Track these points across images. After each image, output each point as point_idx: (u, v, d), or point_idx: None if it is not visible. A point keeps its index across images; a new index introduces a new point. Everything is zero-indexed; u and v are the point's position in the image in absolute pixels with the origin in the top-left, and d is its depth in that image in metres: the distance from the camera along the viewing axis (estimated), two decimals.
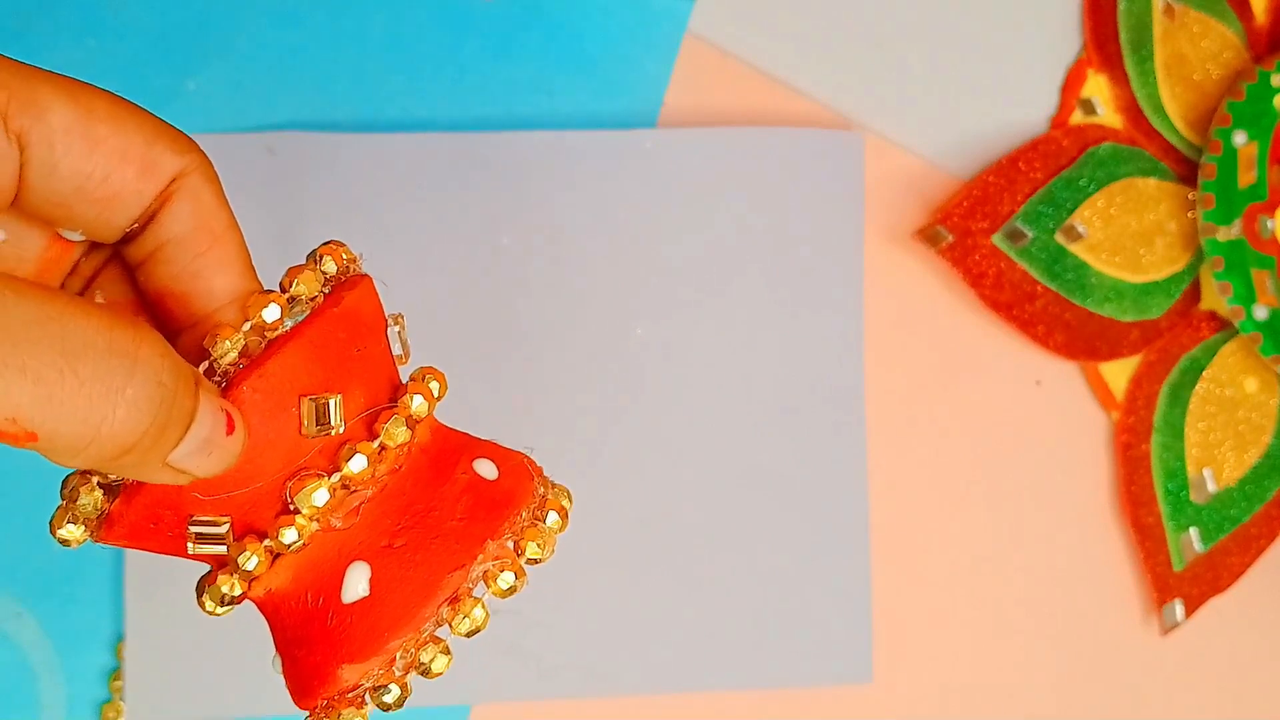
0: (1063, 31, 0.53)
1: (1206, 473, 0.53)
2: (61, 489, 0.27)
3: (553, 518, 0.30)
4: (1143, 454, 0.52)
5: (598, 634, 0.49)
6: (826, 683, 0.50)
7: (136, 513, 0.27)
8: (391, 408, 0.29)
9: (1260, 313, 0.51)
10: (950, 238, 0.50)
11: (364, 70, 0.49)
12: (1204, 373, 0.53)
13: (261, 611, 0.29)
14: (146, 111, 0.26)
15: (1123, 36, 0.53)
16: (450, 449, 0.30)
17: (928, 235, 0.51)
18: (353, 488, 0.28)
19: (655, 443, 0.49)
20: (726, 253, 0.50)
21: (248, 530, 0.27)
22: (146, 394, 0.23)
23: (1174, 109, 0.53)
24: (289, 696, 0.29)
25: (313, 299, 0.28)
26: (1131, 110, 0.53)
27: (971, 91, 0.53)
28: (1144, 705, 0.53)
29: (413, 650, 0.28)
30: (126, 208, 0.26)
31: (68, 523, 0.27)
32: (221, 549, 0.27)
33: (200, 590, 0.28)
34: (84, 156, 0.25)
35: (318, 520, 0.27)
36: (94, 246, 0.28)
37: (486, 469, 0.30)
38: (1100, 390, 0.53)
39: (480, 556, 0.28)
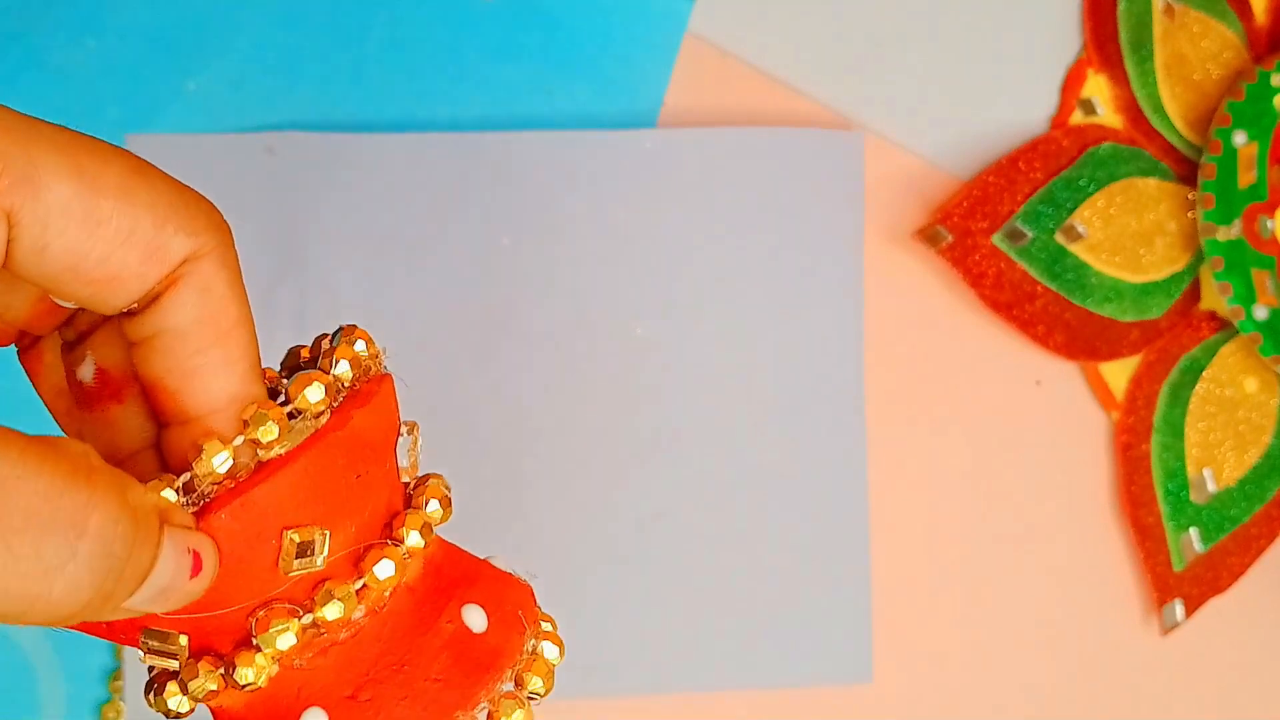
0: (1063, 31, 0.53)
1: (1206, 473, 0.53)
2: None
3: (535, 683, 0.27)
4: (1143, 454, 0.52)
5: (598, 634, 0.49)
6: (826, 683, 0.50)
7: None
8: (382, 545, 0.26)
9: (1260, 313, 0.51)
10: (950, 238, 0.50)
11: (364, 70, 0.49)
12: (1204, 373, 0.53)
13: (213, 716, 0.26)
14: (165, 179, 0.23)
15: (1123, 36, 0.53)
16: (441, 586, 0.27)
17: (928, 235, 0.51)
18: (324, 631, 0.25)
19: (655, 442, 0.49)
20: (726, 252, 0.50)
21: (205, 649, 0.25)
22: (91, 566, 0.20)
23: (1174, 109, 0.53)
24: None
25: (318, 415, 0.25)
26: (1131, 110, 0.53)
27: (971, 91, 0.53)
28: (1144, 705, 0.53)
29: None
30: (125, 290, 0.23)
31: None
32: (174, 665, 0.25)
33: (147, 690, 0.26)
34: (81, 239, 0.22)
35: (279, 661, 0.25)
36: None
37: (475, 618, 0.27)
38: (1100, 390, 0.53)
39: None
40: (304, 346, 0.28)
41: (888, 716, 0.51)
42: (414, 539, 0.26)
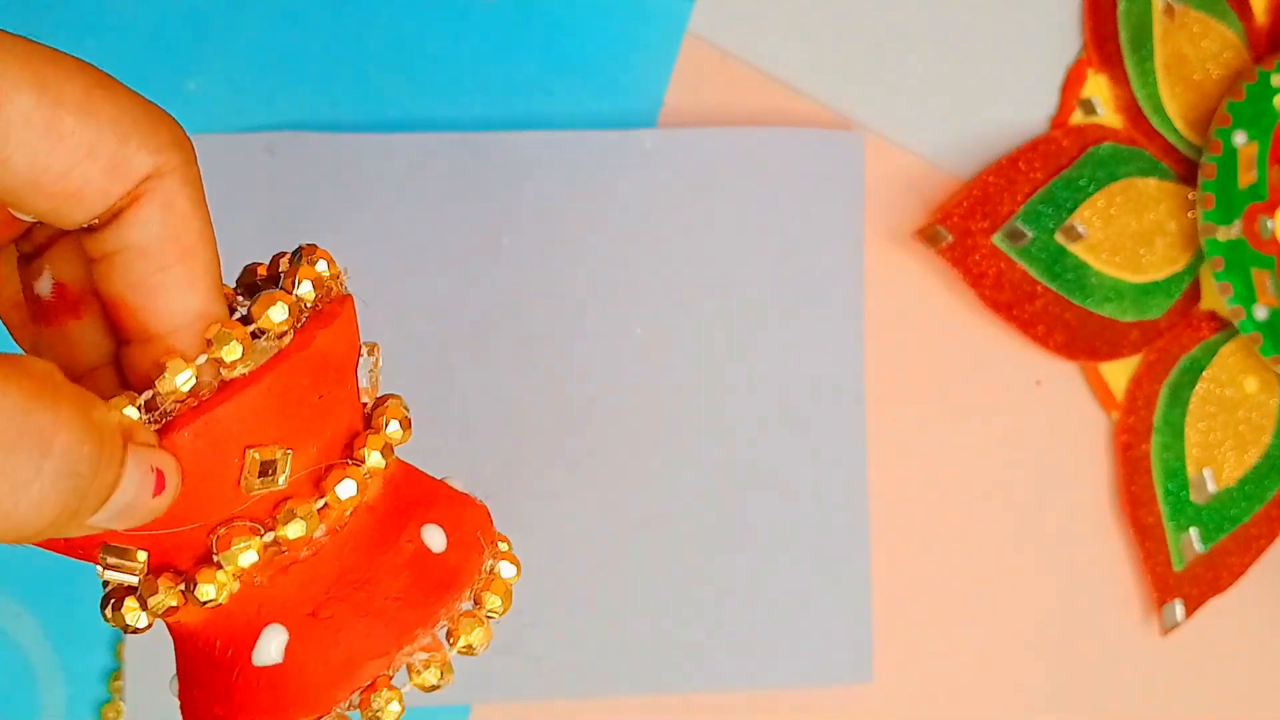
0: (1063, 31, 0.53)
1: (1206, 473, 0.53)
2: None
3: (494, 601, 0.27)
4: (1143, 454, 0.52)
5: (598, 634, 0.49)
6: (826, 683, 0.50)
7: None
8: (344, 465, 0.26)
9: (1260, 313, 0.51)
10: (950, 238, 0.50)
11: (364, 70, 0.49)
12: (1204, 373, 0.53)
13: (169, 632, 0.27)
14: (129, 94, 0.23)
15: (1123, 36, 0.53)
16: (401, 506, 0.27)
17: (928, 235, 0.51)
18: (286, 549, 0.25)
19: (655, 442, 0.49)
20: (726, 253, 0.50)
21: (164, 566, 0.25)
22: (57, 484, 0.20)
23: (1174, 109, 0.53)
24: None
25: (281, 335, 0.24)
26: (1131, 110, 0.53)
27: (971, 91, 0.53)
28: (1144, 705, 0.53)
29: None
30: (87, 205, 0.23)
31: None
32: (133, 580, 0.25)
33: (104, 603, 0.26)
34: (44, 149, 0.21)
35: (240, 579, 0.25)
36: None
37: (435, 538, 0.27)
38: (1100, 390, 0.53)
39: (408, 647, 0.26)
40: (260, 264, 0.27)
41: (888, 716, 0.51)
42: (375, 459, 0.26)
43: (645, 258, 0.49)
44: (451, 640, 0.27)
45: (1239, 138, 0.52)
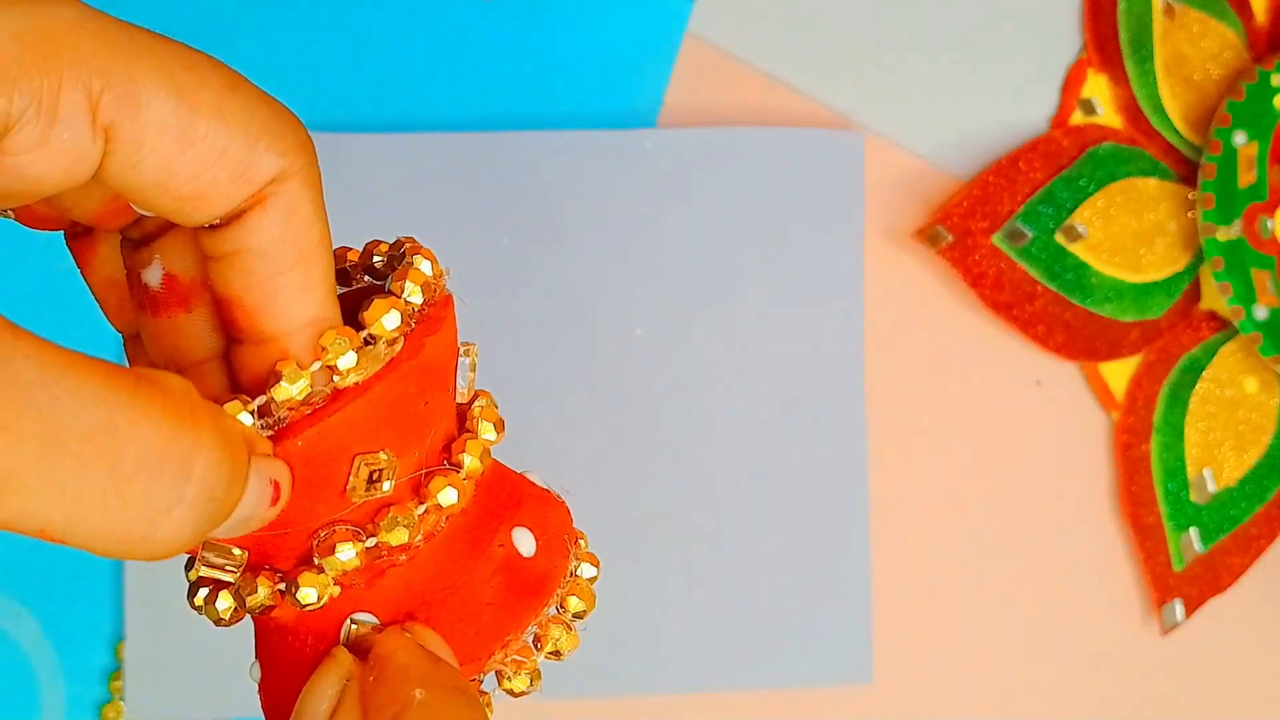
0: (1063, 31, 0.53)
1: (1206, 473, 0.53)
2: None
3: (577, 603, 0.28)
4: (1143, 454, 0.52)
5: (598, 634, 0.49)
6: (826, 683, 0.50)
7: None
8: (444, 471, 0.26)
9: (1260, 313, 0.51)
10: (950, 238, 0.50)
11: (364, 70, 0.49)
12: (1204, 373, 0.53)
13: (254, 622, 0.27)
14: (258, 96, 0.23)
15: (1123, 36, 0.53)
16: (492, 508, 0.27)
17: (928, 235, 0.51)
18: (385, 554, 0.25)
19: (655, 443, 0.49)
20: (726, 252, 0.50)
21: (263, 564, 0.25)
22: (195, 511, 0.20)
23: (1174, 109, 0.53)
24: (260, 710, 0.27)
25: (392, 343, 0.24)
26: (1131, 110, 0.53)
27: (971, 91, 0.53)
28: (1144, 705, 0.53)
29: None
30: (211, 207, 0.23)
31: None
32: (229, 578, 0.25)
33: (192, 595, 0.26)
34: (175, 155, 0.21)
35: (340, 582, 0.25)
36: None
37: (525, 542, 0.27)
38: (1100, 390, 0.53)
39: (499, 653, 0.26)
40: (349, 248, 0.27)
41: (888, 716, 0.51)
42: (471, 464, 0.26)
43: (645, 258, 0.49)
44: (539, 646, 0.27)
45: (1239, 138, 0.52)
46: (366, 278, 0.28)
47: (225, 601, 0.25)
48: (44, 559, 0.47)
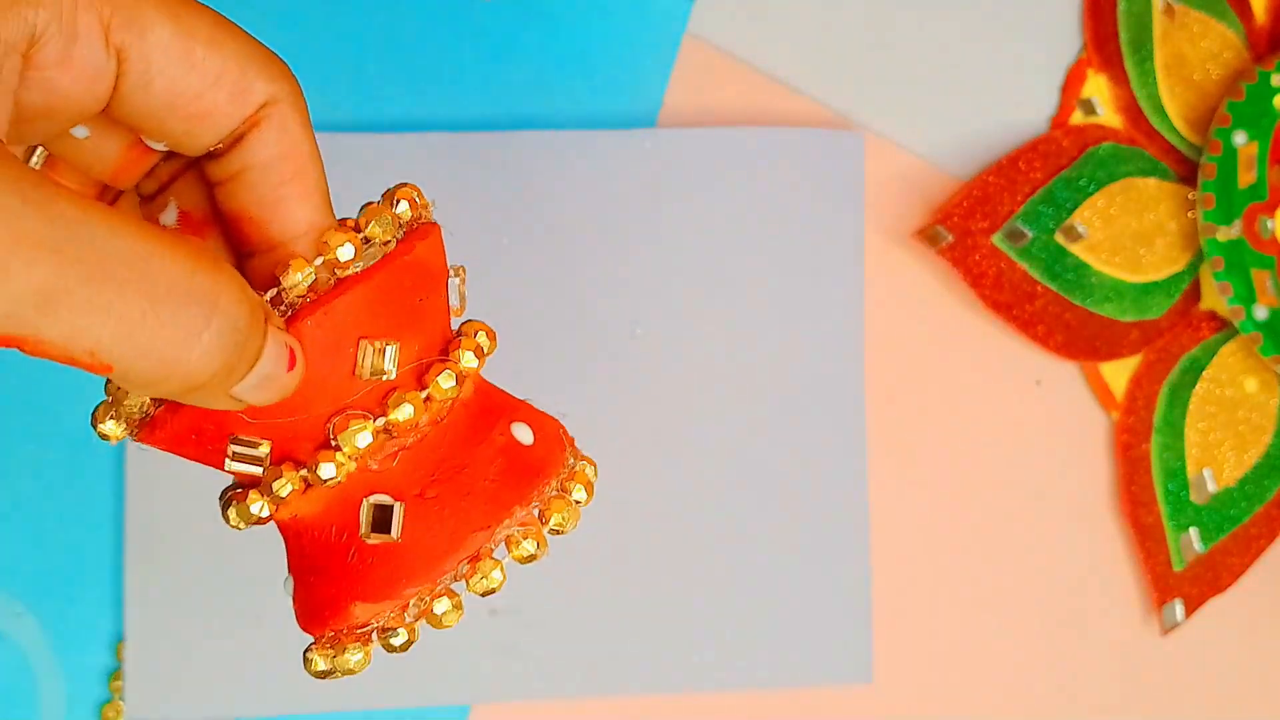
0: (1063, 31, 0.53)
1: (1206, 473, 0.53)
2: (106, 385, 0.28)
3: (579, 491, 0.30)
4: (1143, 454, 0.52)
5: (598, 634, 0.49)
6: (826, 683, 0.50)
7: (181, 422, 0.27)
8: (443, 360, 0.29)
9: (1260, 313, 0.51)
10: (950, 238, 0.50)
11: (364, 70, 0.49)
12: (1204, 373, 0.53)
13: (283, 534, 0.29)
14: (245, 34, 0.26)
15: (1123, 36, 0.53)
16: (490, 407, 0.30)
17: (928, 235, 0.51)
18: (395, 434, 0.28)
19: (655, 443, 0.49)
20: (726, 253, 0.50)
21: (285, 457, 0.28)
22: (222, 339, 0.23)
23: (1174, 109, 0.53)
24: (294, 618, 0.29)
25: (385, 243, 0.28)
26: (1131, 110, 0.53)
27: (971, 91, 0.53)
28: (1144, 705, 0.53)
29: (427, 599, 0.28)
30: (215, 127, 0.26)
31: (109, 418, 0.27)
32: (258, 470, 0.28)
33: (226, 504, 0.28)
34: (179, 75, 0.25)
35: (356, 460, 0.28)
36: (172, 152, 0.29)
37: (523, 433, 0.30)
38: (1100, 390, 0.53)
39: (506, 520, 0.29)
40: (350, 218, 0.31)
41: (888, 716, 0.51)
42: (468, 359, 0.29)
43: (645, 258, 0.49)
44: (544, 519, 0.30)
45: (1239, 138, 0.52)
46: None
47: (257, 501, 0.28)
48: (44, 559, 0.47)
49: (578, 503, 0.30)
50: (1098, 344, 0.52)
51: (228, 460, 0.27)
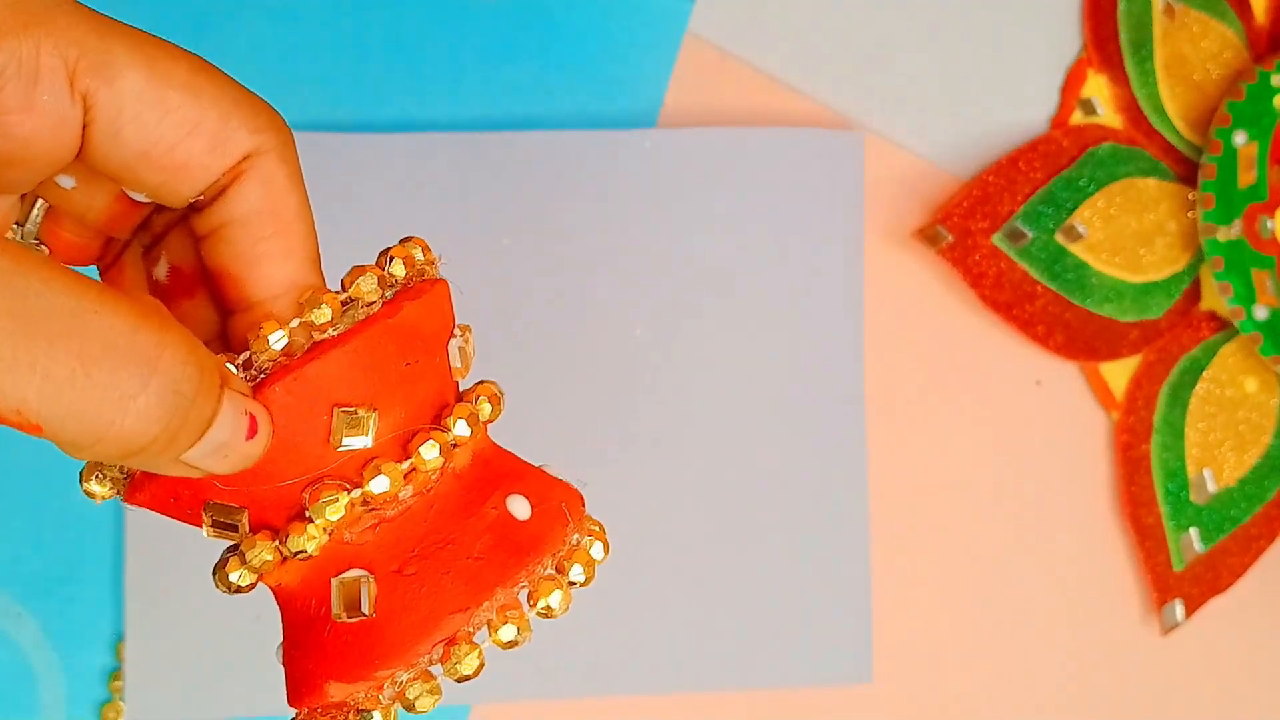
0: (1063, 31, 0.53)
1: (1206, 473, 0.53)
2: None
3: (577, 570, 0.28)
4: (1143, 454, 0.52)
5: (598, 634, 0.49)
6: (826, 683, 0.50)
7: (159, 486, 0.27)
8: (431, 429, 0.27)
9: (1260, 313, 0.51)
10: (950, 238, 0.50)
11: (364, 70, 0.49)
12: (1204, 373, 0.53)
13: (275, 599, 0.28)
14: (230, 81, 0.25)
15: (1123, 36, 0.53)
16: (489, 477, 0.28)
17: (928, 235, 0.51)
18: (373, 506, 0.27)
19: (655, 443, 0.49)
20: (726, 253, 0.50)
21: (263, 525, 0.27)
22: (160, 403, 0.22)
23: (1174, 109, 0.53)
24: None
25: (370, 304, 0.26)
26: (1131, 110, 0.53)
27: (971, 91, 0.53)
28: (1144, 705, 0.53)
29: (403, 680, 0.27)
30: (192, 179, 0.25)
31: (94, 478, 0.27)
32: (235, 537, 0.27)
33: (214, 572, 0.27)
34: (151, 124, 0.24)
35: (330, 533, 0.26)
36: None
37: (519, 507, 0.28)
38: (1100, 390, 0.53)
39: (486, 603, 0.27)
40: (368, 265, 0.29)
41: (888, 716, 0.51)
42: (461, 428, 0.28)
43: (645, 258, 0.49)
44: (531, 601, 0.28)
45: (1239, 138, 0.52)
46: None
47: (236, 570, 0.27)
48: (44, 559, 0.47)
49: (574, 584, 0.28)
50: (1098, 344, 0.52)
51: (204, 528, 0.26)
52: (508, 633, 0.27)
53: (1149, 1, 0.53)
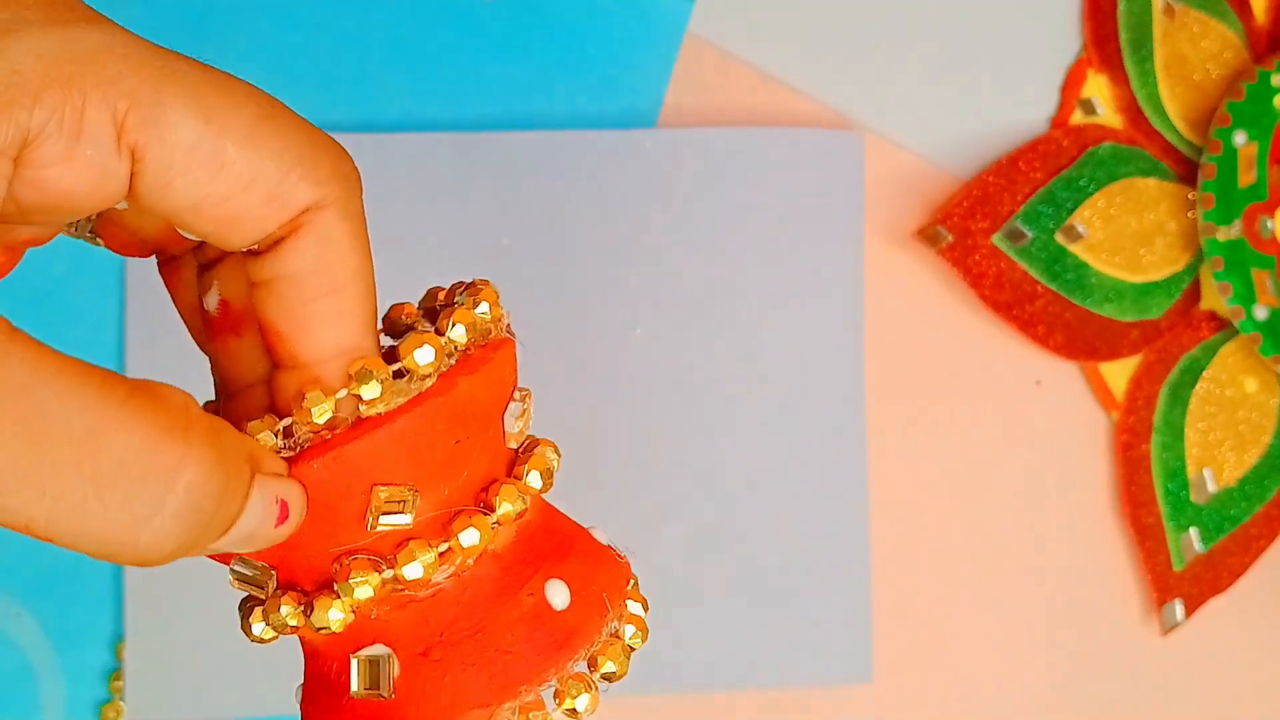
0: (1063, 31, 0.53)
1: (1206, 473, 0.53)
2: None
3: (608, 664, 0.27)
4: (1143, 454, 0.52)
5: None
6: (826, 683, 0.50)
7: None
8: (471, 512, 0.26)
9: (1260, 313, 0.51)
10: (950, 238, 0.50)
11: (364, 70, 0.49)
12: (1204, 373, 0.53)
13: (301, 645, 0.27)
14: (298, 127, 0.24)
15: (1123, 36, 0.53)
16: (529, 558, 0.27)
17: (928, 235, 0.51)
18: (403, 588, 0.25)
19: (655, 443, 0.49)
20: (726, 253, 0.50)
21: (291, 584, 0.26)
22: (177, 523, 0.21)
23: (1174, 109, 0.53)
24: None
25: (425, 378, 0.25)
26: (1131, 110, 0.53)
27: (971, 91, 0.53)
28: (1144, 705, 0.53)
29: None
30: (244, 233, 0.23)
31: None
32: (261, 593, 0.26)
33: (242, 613, 0.27)
34: (204, 180, 0.22)
35: (356, 611, 0.25)
36: None
37: (558, 595, 0.27)
38: (1100, 390, 0.53)
39: (510, 703, 0.26)
40: (442, 289, 0.28)
41: (888, 716, 0.51)
42: (506, 508, 0.26)
43: (645, 258, 0.49)
44: (558, 701, 0.26)
45: (1239, 138, 0.52)
46: (426, 322, 0.28)
47: (259, 624, 0.26)
48: (44, 559, 0.47)
49: (606, 678, 0.27)
50: (1098, 344, 0.52)
51: (230, 580, 0.25)
52: None
53: (1149, 1, 0.53)
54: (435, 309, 0.27)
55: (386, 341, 0.27)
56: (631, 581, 0.30)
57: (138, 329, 0.47)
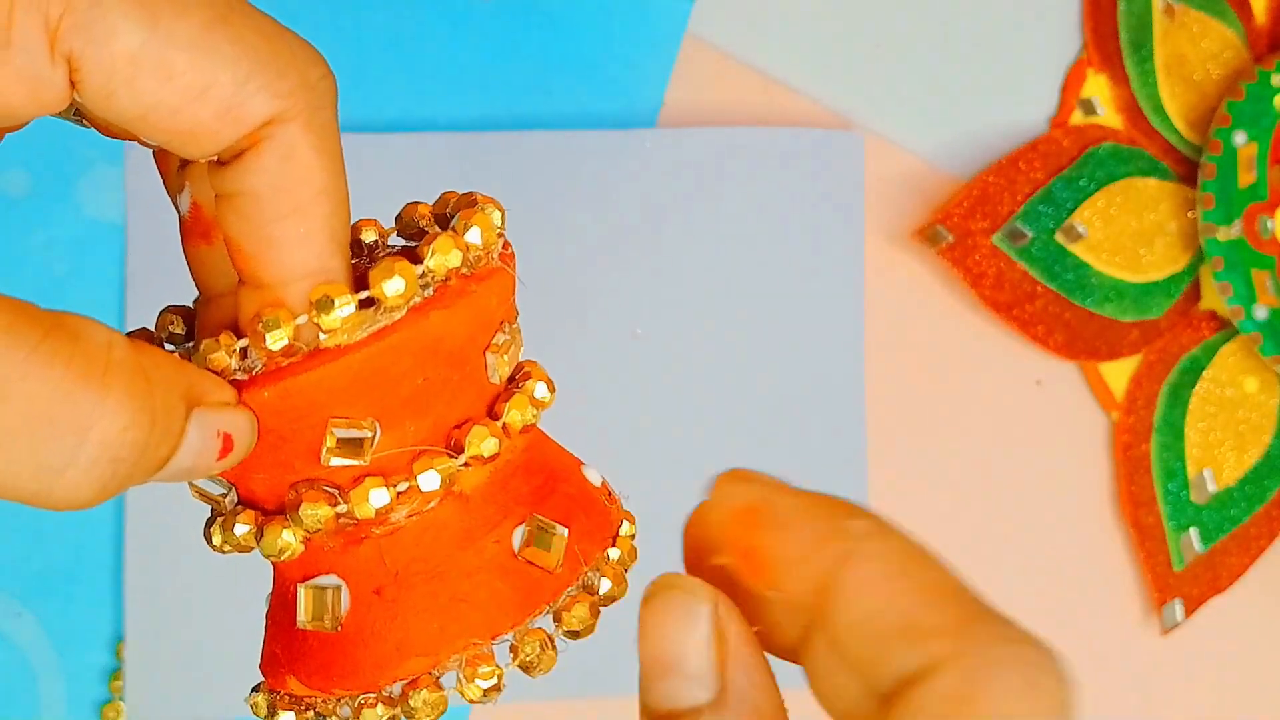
0: (1063, 31, 0.53)
1: (1206, 473, 0.53)
2: None
3: (572, 619, 0.25)
4: (1143, 454, 0.52)
5: (598, 634, 0.49)
6: None
7: None
8: (434, 454, 0.24)
9: (1260, 313, 0.51)
10: (950, 238, 0.50)
11: (364, 70, 0.49)
12: (1204, 373, 0.53)
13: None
14: (256, 30, 0.21)
15: (1123, 36, 0.53)
16: (501, 500, 0.25)
17: (928, 235, 0.51)
18: (354, 524, 0.24)
19: (655, 443, 0.49)
20: (726, 253, 0.50)
21: (251, 501, 0.24)
22: (90, 474, 0.20)
23: (1174, 109, 0.53)
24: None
25: (394, 310, 0.23)
26: (1131, 110, 0.53)
27: (971, 91, 0.53)
28: (1144, 705, 0.53)
29: (359, 701, 0.24)
30: (200, 146, 0.21)
31: None
32: (217, 508, 0.24)
33: (205, 527, 0.25)
34: (149, 90, 0.20)
35: (307, 542, 0.24)
36: None
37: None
38: (1100, 390, 0.53)
39: (457, 656, 0.24)
40: (455, 194, 0.26)
41: None
42: (474, 450, 0.24)
43: (645, 258, 0.49)
44: (512, 655, 0.25)
45: (1239, 138, 0.52)
46: (438, 227, 0.25)
47: (217, 536, 0.24)
48: (44, 559, 0.47)
49: (570, 634, 0.25)
50: (1098, 344, 0.52)
51: (191, 490, 0.24)
52: (472, 692, 0.24)
53: (1149, 1, 0.53)
54: (446, 215, 0.26)
55: (399, 243, 0.26)
56: (624, 527, 0.28)
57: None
